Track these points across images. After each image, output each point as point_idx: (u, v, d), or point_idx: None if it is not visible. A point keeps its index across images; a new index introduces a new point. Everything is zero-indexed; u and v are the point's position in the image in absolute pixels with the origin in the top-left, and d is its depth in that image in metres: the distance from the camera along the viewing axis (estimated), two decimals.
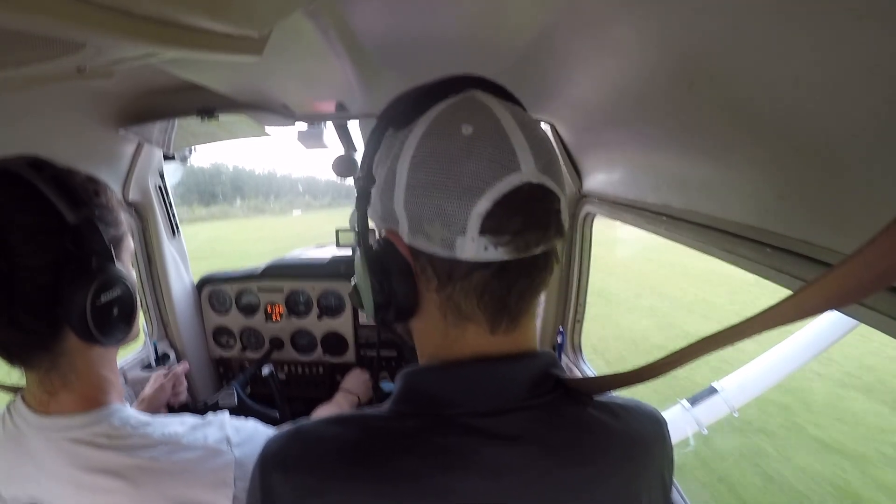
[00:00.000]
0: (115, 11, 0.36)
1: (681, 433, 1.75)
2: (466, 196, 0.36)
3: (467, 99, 0.40)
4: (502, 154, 0.36)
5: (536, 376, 0.41)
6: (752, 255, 0.52)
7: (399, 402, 0.42)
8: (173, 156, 1.38)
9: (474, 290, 0.39)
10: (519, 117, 0.39)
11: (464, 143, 0.36)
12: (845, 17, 0.28)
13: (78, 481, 0.50)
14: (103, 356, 0.57)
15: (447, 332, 0.41)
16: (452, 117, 0.38)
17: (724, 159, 0.52)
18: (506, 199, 0.35)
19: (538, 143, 0.38)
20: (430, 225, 0.37)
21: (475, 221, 0.36)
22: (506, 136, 0.37)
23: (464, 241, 0.36)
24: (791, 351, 1.90)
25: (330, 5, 0.56)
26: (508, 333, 0.41)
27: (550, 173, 0.38)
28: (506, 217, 0.36)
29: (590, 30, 0.56)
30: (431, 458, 0.37)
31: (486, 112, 0.38)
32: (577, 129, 0.98)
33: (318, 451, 0.39)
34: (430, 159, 0.37)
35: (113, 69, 0.54)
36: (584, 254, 1.25)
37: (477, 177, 0.35)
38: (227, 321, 1.54)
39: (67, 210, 0.49)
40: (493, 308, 0.39)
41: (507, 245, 0.36)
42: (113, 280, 0.52)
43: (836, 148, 0.36)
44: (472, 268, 0.38)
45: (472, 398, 0.39)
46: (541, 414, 0.40)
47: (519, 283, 0.39)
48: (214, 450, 0.54)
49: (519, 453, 0.38)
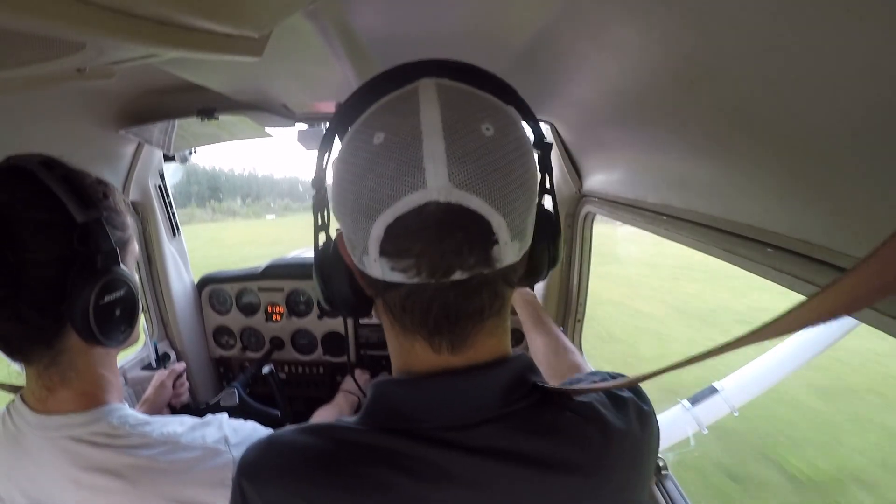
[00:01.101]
0: (115, 12, 0.36)
1: (681, 433, 1.75)
2: (364, 217, 0.33)
3: (408, 93, 0.35)
4: (406, 168, 0.31)
5: (509, 384, 0.39)
6: (752, 255, 0.52)
7: (370, 413, 0.41)
8: (173, 156, 1.38)
9: (395, 306, 0.37)
10: (454, 115, 0.33)
11: (370, 155, 0.33)
12: (845, 17, 0.28)
13: (76, 480, 0.50)
14: (103, 356, 0.57)
15: (400, 342, 0.41)
16: (374, 121, 0.35)
17: (724, 159, 0.52)
18: (403, 221, 0.32)
19: (469, 150, 0.32)
20: (350, 238, 0.37)
21: (374, 244, 0.33)
22: (418, 143, 0.31)
23: (369, 261, 0.35)
24: (791, 351, 1.90)
25: (330, 5, 0.56)
26: (456, 353, 0.38)
27: (477, 189, 0.31)
28: (404, 241, 0.32)
29: (590, 30, 0.56)
30: (403, 472, 0.36)
31: (411, 112, 0.33)
32: (577, 129, 0.98)
33: (290, 462, 0.38)
34: (343, 173, 0.35)
35: (113, 69, 0.54)
36: (584, 254, 1.25)
37: (375, 195, 0.32)
38: (227, 321, 1.54)
39: (76, 209, 0.50)
40: (423, 327, 0.37)
41: (409, 270, 0.33)
42: (117, 281, 0.53)
43: (836, 148, 0.36)
44: (386, 286, 0.36)
45: (439, 413, 0.38)
46: (515, 422, 0.38)
47: (444, 306, 0.35)
48: (213, 450, 0.55)
49: (491, 465, 0.36)
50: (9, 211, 0.47)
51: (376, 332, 1.48)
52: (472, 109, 0.34)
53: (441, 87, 0.35)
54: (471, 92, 0.36)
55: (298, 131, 1.20)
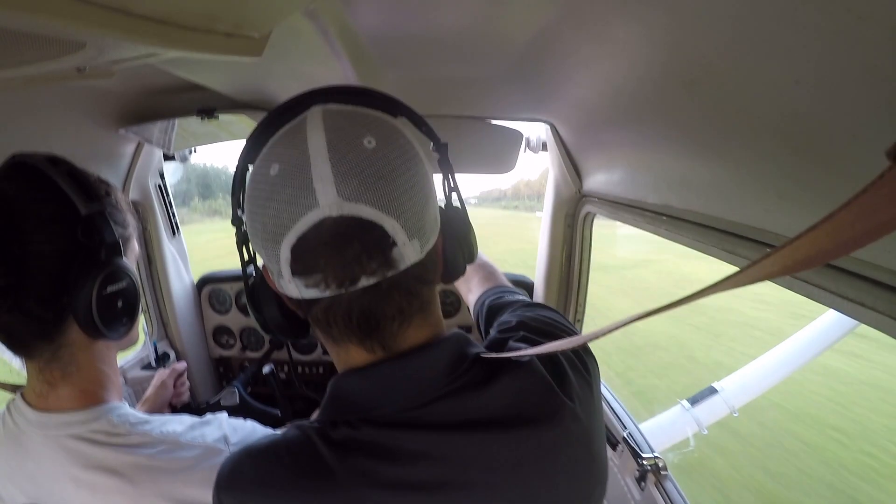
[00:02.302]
0: (115, 11, 0.36)
1: (681, 433, 1.75)
2: (272, 242, 0.36)
3: (298, 124, 0.38)
4: (299, 191, 0.34)
5: (450, 360, 0.41)
6: (752, 255, 0.52)
7: (328, 409, 0.43)
8: (173, 155, 1.38)
9: (322, 320, 0.39)
10: (337, 137, 0.35)
11: (269, 186, 0.36)
12: (845, 17, 0.28)
13: (76, 479, 0.50)
14: (104, 352, 0.57)
15: (337, 349, 0.43)
16: (269, 153, 0.38)
17: (724, 159, 0.52)
18: (305, 240, 0.34)
19: (354, 165, 0.34)
20: (267, 265, 0.40)
21: (285, 265, 0.36)
22: (307, 168, 0.34)
23: (285, 283, 0.37)
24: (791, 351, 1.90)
25: (330, 5, 0.56)
26: (390, 350, 0.40)
27: (366, 198, 0.34)
28: (309, 258, 0.35)
29: (590, 29, 0.56)
30: (371, 457, 0.38)
31: (300, 141, 0.36)
32: (577, 129, 0.98)
33: (265, 472, 0.40)
34: (249, 205, 0.38)
35: (113, 69, 0.54)
36: (584, 254, 1.25)
37: (277, 221, 0.35)
38: (227, 321, 1.54)
39: (81, 201, 0.50)
40: (355, 336, 0.39)
41: (320, 284, 0.35)
42: (119, 272, 0.53)
43: (836, 148, 0.36)
44: (307, 303, 0.38)
45: (391, 396, 0.40)
46: (463, 393, 0.40)
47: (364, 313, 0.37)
48: (212, 448, 0.55)
49: (448, 437, 0.39)
50: (14, 203, 0.48)
51: None
52: (354, 127, 0.37)
53: (326, 112, 0.38)
54: (354, 111, 0.39)
55: None
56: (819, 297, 0.45)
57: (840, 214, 0.18)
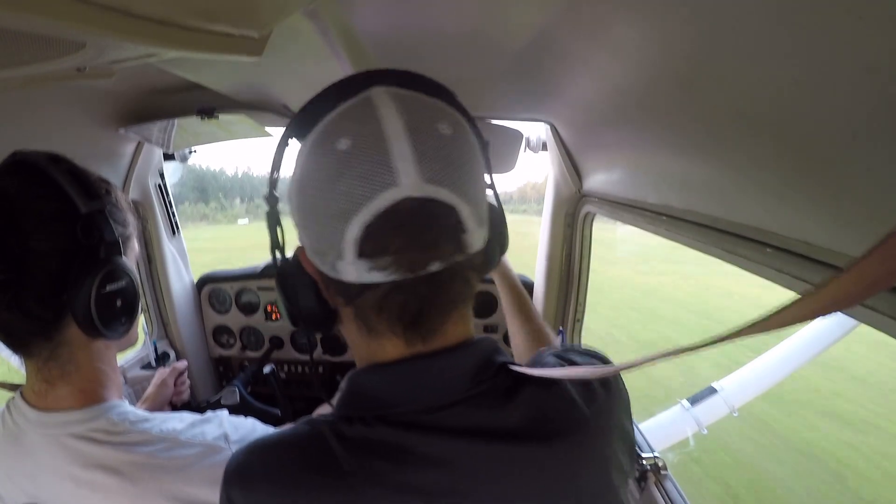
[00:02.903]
0: (115, 11, 0.36)
1: (680, 433, 1.75)
2: (339, 220, 0.34)
3: (362, 102, 0.37)
4: (377, 168, 0.33)
5: (476, 365, 0.40)
6: (752, 255, 0.52)
7: (345, 405, 0.42)
8: (173, 155, 1.38)
9: (372, 308, 0.38)
10: (416, 117, 0.35)
11: (338, 161, 0.34)
12: (845, 17, 0.28)
13: (76, 477, 0.50)
14: (103, 351, 0.57)
15: (368, 344, 0.41)
16: (334, 129, 0.36)
17: (724, 159, 0.52)
18: (381, 219, 0.33)
19: (432, 148, 0.34)
20: (319, 247, 0.37)
21: (350, 246, 0.34)
22: (385, 146, 0.33)
23: (344, 266, 0.35)
24: (791, 351, 1.91)
25: (330, 5, 0.56)
26: (428, 343, 0.40)
27: (445, 181, 0.34)
28: (383, 239, 0.34)
29: (590, 30, 0.56)
30: (384, 457, 0.37)
31: (372, 118, 0.35)
32: (577, 129, 0.98)
33: (275, 466, 0.39)
34: (308, 181, 0.36)
35: (113, 69, 0.54)
36: (584, 253, 1.25)
37: (349, 198, 0.33)
38: (226, 320, 1.54)
39: (81, 199, 0.50)
40: (399, 325, 0.38)
41: (389, 267, 0.34)
42: (119, 271, 0.53)
43: (837, 148, 0.36)
44: (362, 288, 0.36)
45: (412, 395, 0.39)
46: (483, 401, 0.39)
47: (420, 301, 0.37)
48: (213, 447, 0.55)
49: (462, 445, 0.38)
50: (14, 201, 0.48)
51: None
52: (428, 112, 0.37)
53: (394, 94, 0.37)
54: (418, 97, 0.39)
55: None
56: None
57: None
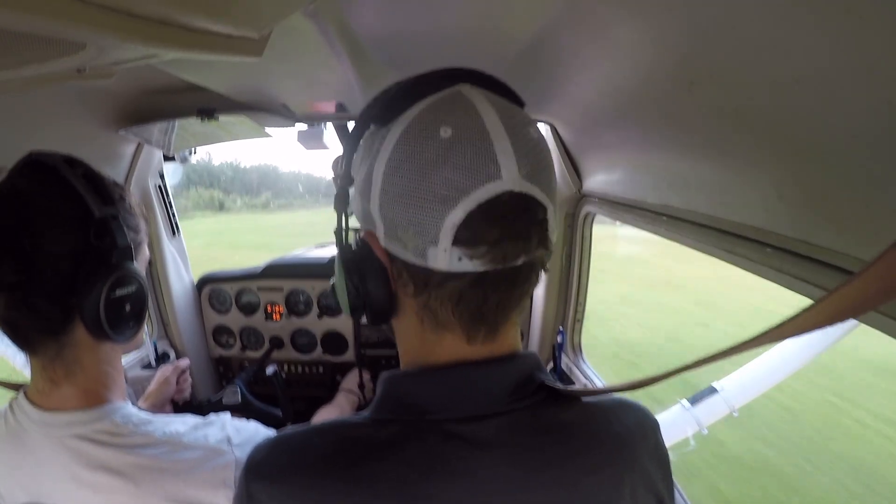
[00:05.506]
0: (115, 11, 0.36)
1: (681, 433, 1.75)
2: (440, 205, 0.34)
3: (453, 95, 0.37)
4: (481, 160, 0.34)
5: (518, 380, 0.40)
6: (752, 255, 0.52)
7: (379, 408, 0.41)
8: (173, 156, 1.38)
9: (449, 299, 0.37)
10: (509, 117, 0.36)
11: (440, 148, 0.34)
12: (845, 17, 0.28)
13: (78, 478, 0.50)
14: (109, 353, 0.57)
15: (425, 338, 0.41)
16: (433, 117, 0.36)
17: (724, 159, 0.52)
18: (482, 209, 0.34)
19: (526, 148, 0.36)
20: (405, 232, 0.36)
21: (448, 232, 0.34)
22: (488, 139, 0.34)
23: (436, 252, 0.35)
24: (792, 351, 1.90)
25: (330, 5, 0.56)
26: (486, 343, 0.40)
27: (537, 181, 0.35)
28: (482, 228, 0.34)
29: (590, 30, 0.56)
30: (412, 465, 0.37)
31: (471, 111, 0.36)
32: (577, 129, 0.98)
33: (300, 460, 0.38)
34: (405, 164, 0.35)
35: (113, 69, 0.54)
36: (584, 253, 1.25)
37: (452, 185, 0.34)
38: (226, 320, 1.54)
39: (95, 203, 0.51)
40: (470, 318, 0.38)
41: (483, 257, 0.35)
42: (129, 276, 0.53)
43: (837, 148, 0.36)
44: (447, 277, 0.36)
45: (451, 404, 0.39)
46: (520, 417, 0.39)
47: (497, 294, 0.37)
48: (215, 450, 0.55)
49: (496, 459, 0.37)
50: (29, 201, 0.48)
51: (376, 331, 1.48)
52: (518, 115, 0.38)
53: (482, 92, 0.38)
54: (504, 100, 0.39)
55: (298, 131, 1.20)
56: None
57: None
